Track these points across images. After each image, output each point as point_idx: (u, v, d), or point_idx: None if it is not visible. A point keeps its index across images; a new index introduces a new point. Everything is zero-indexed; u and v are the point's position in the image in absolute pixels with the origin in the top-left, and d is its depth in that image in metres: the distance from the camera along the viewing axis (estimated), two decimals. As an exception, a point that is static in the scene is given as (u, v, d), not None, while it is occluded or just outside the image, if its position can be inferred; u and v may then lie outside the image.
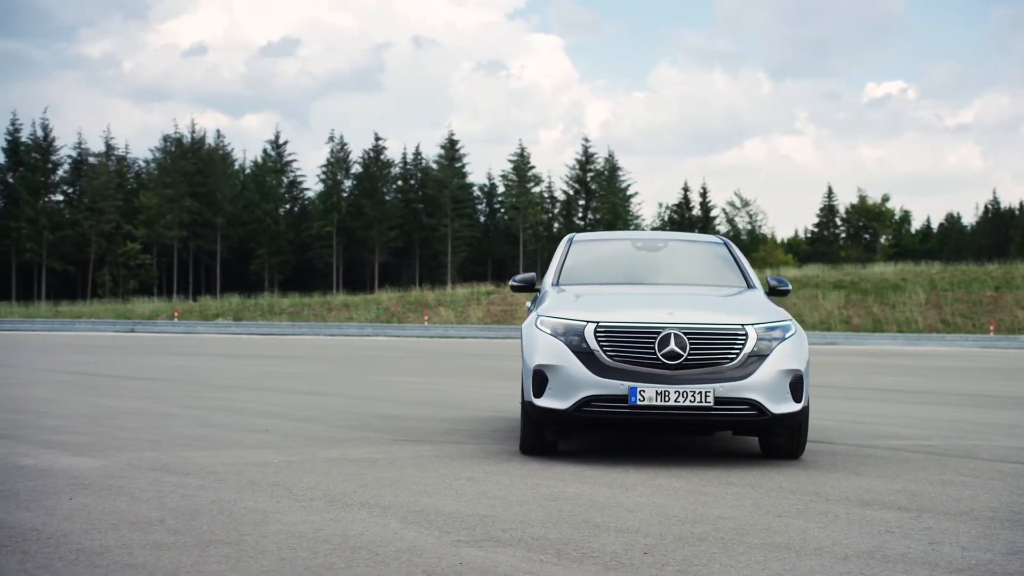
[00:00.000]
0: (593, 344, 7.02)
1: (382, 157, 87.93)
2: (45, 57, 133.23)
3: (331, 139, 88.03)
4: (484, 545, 4.55)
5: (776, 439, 7.47)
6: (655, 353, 6.93)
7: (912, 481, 6.56)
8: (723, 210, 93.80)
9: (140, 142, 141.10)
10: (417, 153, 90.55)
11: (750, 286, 8.35)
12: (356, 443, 8.02)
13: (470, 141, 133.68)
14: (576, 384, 6.97)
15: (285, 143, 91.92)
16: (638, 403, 6.85)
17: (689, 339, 6.97)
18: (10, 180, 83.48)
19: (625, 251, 9.07)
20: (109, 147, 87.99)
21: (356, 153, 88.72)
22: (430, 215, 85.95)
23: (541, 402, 7.11)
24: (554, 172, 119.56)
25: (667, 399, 6.85)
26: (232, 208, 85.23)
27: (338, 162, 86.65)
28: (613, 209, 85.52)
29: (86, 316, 58.69)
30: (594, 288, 8.12)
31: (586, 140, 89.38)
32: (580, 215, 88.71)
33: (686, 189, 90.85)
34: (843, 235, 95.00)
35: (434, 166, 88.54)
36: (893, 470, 7.02)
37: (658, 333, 6.97)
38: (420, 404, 11.58)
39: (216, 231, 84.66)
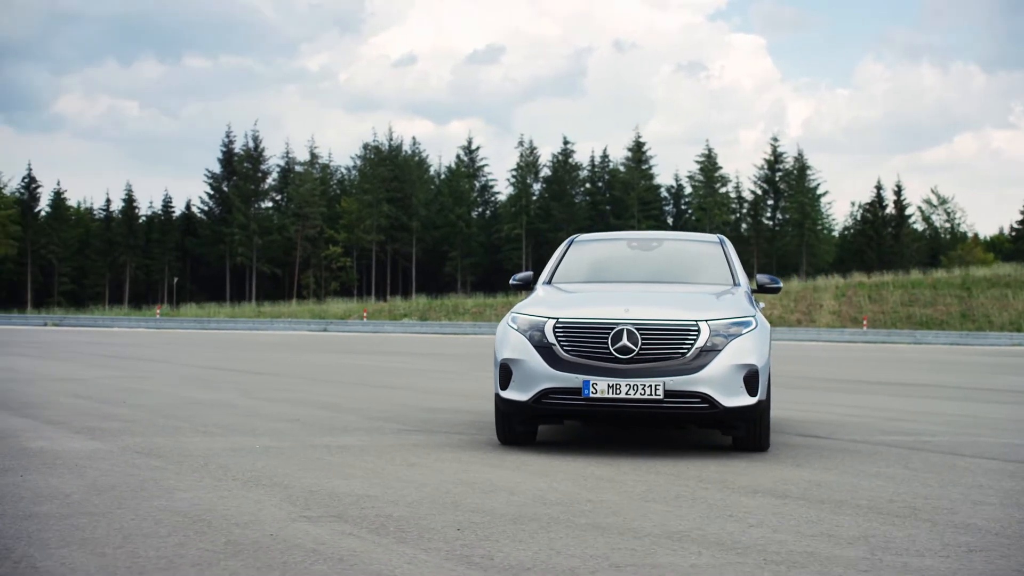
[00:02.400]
0: (552, 339, 7.27)
1: (570, 160, 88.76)
2: (268, 71, 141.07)
3: (520, 143, 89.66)
4: (319, 520, 4.88)
5: (735, 432, 7.51)
6: (608, 348, 7.12)
7: (844, 474, 6.50)
8: (919, 208, 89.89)
9: (349, 150, 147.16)
10: (605, 155, 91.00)
11: (735, 284, 8.38)
12: (360, 433, 8.45)
13: (669, 143, 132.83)
14: (535, 377, 7.23)
15: (477, 148, 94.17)
16: (591, 395, 7.05)
17: (641, 334, 7.12)
18: (224, 189, 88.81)
19: (619, 251, 9.23)
20: (313, 156, 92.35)
21: (551, 157, 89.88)
22: (617, 216, 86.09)
23: (506, 394, 7.41)
24: (744, 172, 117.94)
25: (618, 392, 7.03)
26: (427, 212, 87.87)
27: (527, 166, 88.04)
28: (801, 208, 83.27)
29: (285, 316, 61.89)
30: (579, 286, 8.32)
31: (775, 140, 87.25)
32: (768, 215, 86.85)
33: (879, 187, 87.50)
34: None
35: (621, 168, 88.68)
36: (843, 463, 6.95)
37: (612, 328, 7.16)
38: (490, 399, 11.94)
39: (411, 234, 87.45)
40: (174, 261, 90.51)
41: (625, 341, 7.12)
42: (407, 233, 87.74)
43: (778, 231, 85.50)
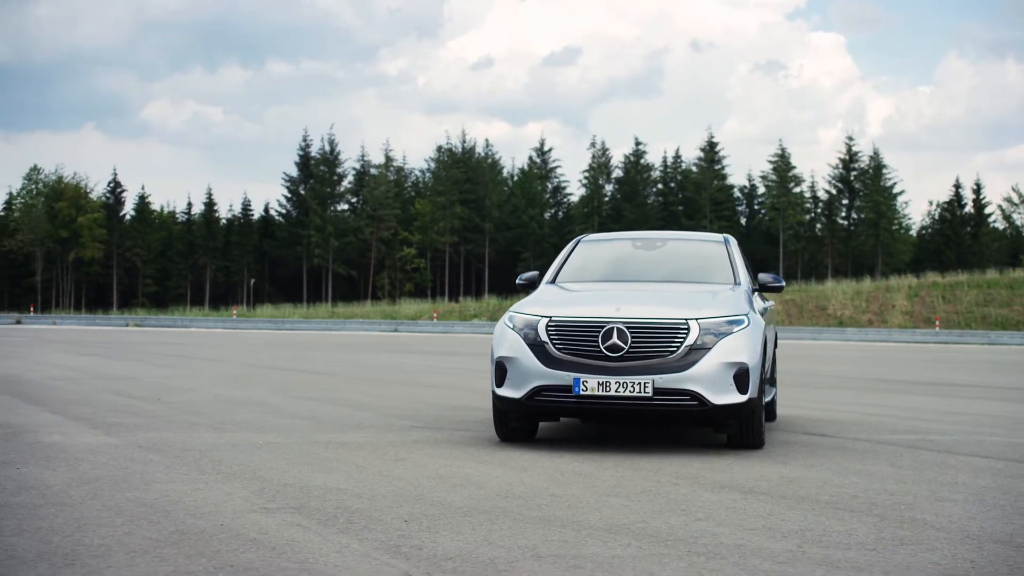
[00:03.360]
0: (544, 337, 7.42)
1: (642, 161, 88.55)
2: (348, 76, 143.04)
3: (592, 144, 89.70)
4: (275, 512, 5.07)
5: (727, 429, 7.58)
6: (598, 346, 7.24)
7: (824, 471, 6.53)
8: (999, 207, 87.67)
9: (426, 153, 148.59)
10: (677, 156, 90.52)
11: (736, 282, 8.43)
12: (369, 430, 8.65)
13: (746, 143, 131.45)
14: (528, 375, 7.38)
15: (550, 150, 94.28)
16: (582, 393, 7.19)
17: (631, 333, 7.23)
18: (301, 192, 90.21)
19: (624, 251, 9.32)
20: (388, 159, 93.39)
21: (623, 158, 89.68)
22: (689, 217, 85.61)
23: (501, 391, 7.57)
24: (821, 172, 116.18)
25: (608, 389, 7.15)
26: (499, 214, 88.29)
27: (600, 167, 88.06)
28: (877, 208, 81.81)
29: (358, 317, 62.70)
30: (580, 286, 8.45)
31: (849, 138, 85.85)
32: (843, 215, 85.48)
33: (957, 186, 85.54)
34: None
35: (694, 169, 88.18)
36: (830, 461, 6.97)
37: (602, 327, 7.28)
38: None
39: (484, 236, 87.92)
40: (253, 263, 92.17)
41: (615, 339, 7.24)
42: (480, 234, 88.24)
43: (853, 231, 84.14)
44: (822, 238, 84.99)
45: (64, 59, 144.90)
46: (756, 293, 9.26)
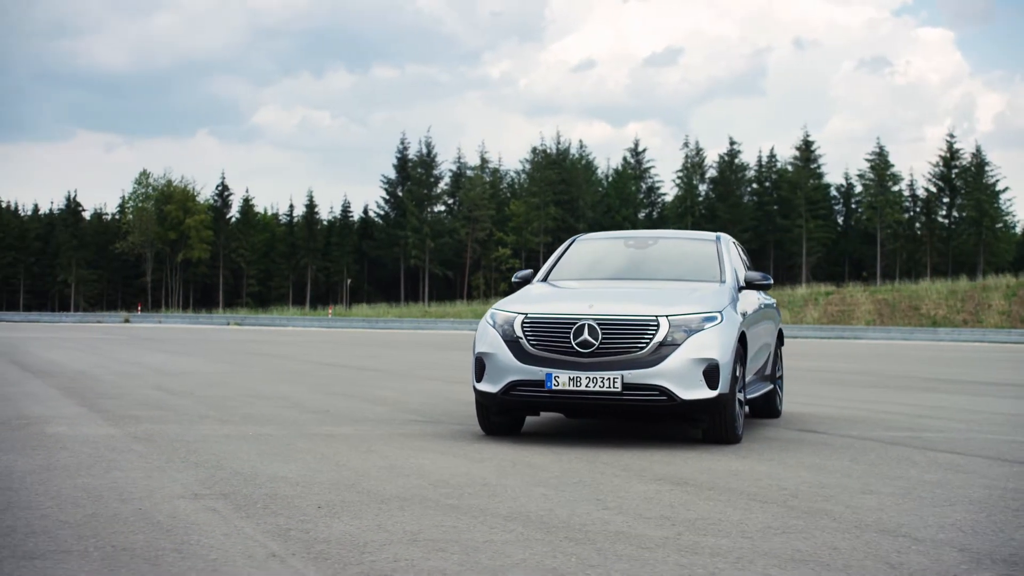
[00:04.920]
0: (519, 333, 7.62)
1: (736, 160, 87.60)
2: (451, 79, 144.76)
3: (686, 144, 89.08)
4: (201, 497, 5.32)
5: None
6: (570, 342, 7.41)
7: (779, 466, 6.57)
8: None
9: (524, 154, 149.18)
10: (772, 155, 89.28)
11: (722, 280, 8.49)
12: (366, 424, 8.89)
13: (851, 141, 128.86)
14: (504, 370, 7.60)
15: (644, 150, 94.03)
16: (554, 388, 7.37)
17: (602, 329, 7.39)
18: (399, 193, 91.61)
19: (616, 249, 9.47)
20: (483, 160, 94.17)
21: (717, 157, 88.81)
22: (784, 216, 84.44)
23: (480, 386, 7.80)
24: (920, 170, 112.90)
25: (579, 384, 7.32)
26: (593, 214, 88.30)
27: (693, 167, 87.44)
28: (979, 206, 79.44)
29: (450, 316, 63.49)
30: (568, 283, 8.65)
31: (951, 136, 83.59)
32: (943, 213, 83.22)
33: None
34: None
35: (789, 168, 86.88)
36: (793, 456, 7.00)
37: (574, 324, 7.45)
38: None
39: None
40: (352, 264, 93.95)
41: (586, 336, 7.39)
42: (573, 235, 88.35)
43: (954, 230, 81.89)
44: (921, 237, 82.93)
45: (181, 67, 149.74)
46: (760, 292, 9.33)
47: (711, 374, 7.36)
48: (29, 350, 22.44)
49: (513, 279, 9.14)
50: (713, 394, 7.37)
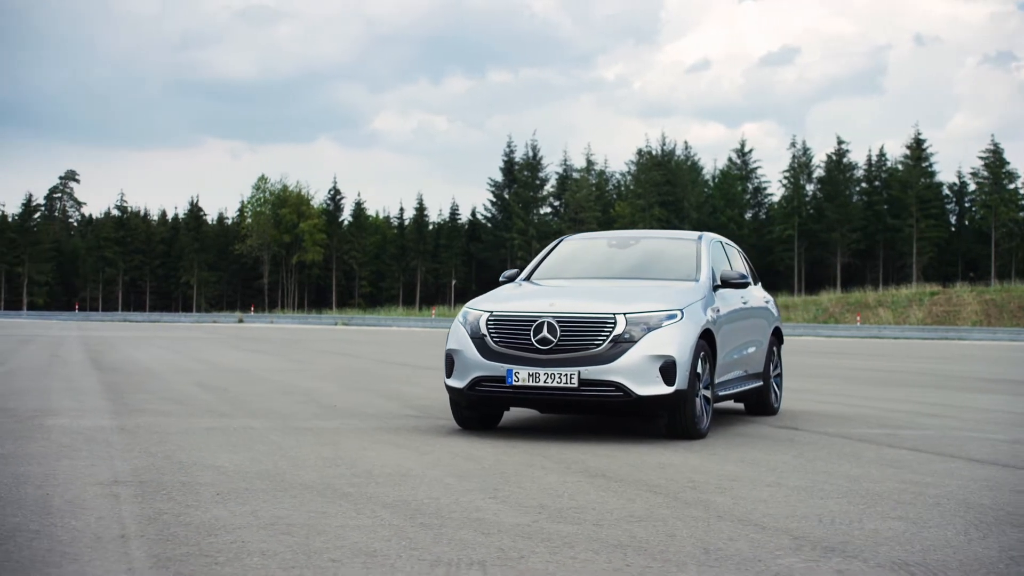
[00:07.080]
0: (484, 331, 7.84)
1: (844, 160, 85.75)
2: (566, 82, 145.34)
3: (792, 144, 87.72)
4: (123, 484, 5.60)
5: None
6: (530, 339, 7.61)
7: (724, 462, 6.61)
8: None
9: (633, 156, 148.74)
10: (881, 154, 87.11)
11: (696, 279, 8.57)
12: (354, 419, 9.13)
13: (974, 138, 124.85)
14: (470, 366, 7.83)
15: (751, 151, 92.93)
16: (515, 383, 7.57)
17: (560, 326, 7.56)
18: (506, 196, 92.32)
19: (598, 249, 9.62)
20: (589, 162, 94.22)
21: (826, 157, 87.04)
22: (895, 216, 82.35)
23: (449, 382, 8.04)
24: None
25: (538, 380, 7.50)
26: (698, 215, 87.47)
27: (800, 167, 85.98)
28: (1102, 204, 76.21)
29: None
30: (547, 282, 8.85)
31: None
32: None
33: None
34: None
35: (899, 167, 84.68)
36: (749, 453, 7.04)
37: (534, 321, 7.65)
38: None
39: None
40: (460, 265, 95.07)
41: (545, 333, 7.58)
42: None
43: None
44: (1037, 235, 80.00)
45: (302, 75, 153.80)
46: (741, 290, 9.34)
47: (668, 370, 7.46)
48: (116, 348, 23.36)
49: (500, 278, 9.34)
50: (670, 390, 7.45)
